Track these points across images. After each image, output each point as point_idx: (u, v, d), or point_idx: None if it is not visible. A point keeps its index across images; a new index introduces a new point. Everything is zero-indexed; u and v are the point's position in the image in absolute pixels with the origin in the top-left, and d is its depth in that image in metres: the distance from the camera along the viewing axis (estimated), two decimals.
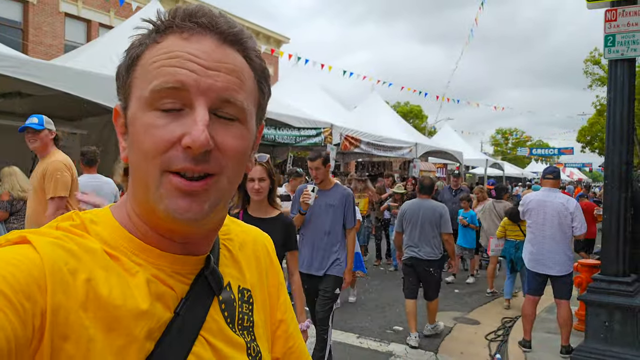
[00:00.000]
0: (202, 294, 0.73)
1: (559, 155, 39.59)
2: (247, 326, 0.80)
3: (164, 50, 0.66)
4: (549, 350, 5.27)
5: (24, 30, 15.62)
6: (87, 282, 0.61)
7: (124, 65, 0.70)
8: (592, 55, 27.39)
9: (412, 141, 14.49)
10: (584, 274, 5.83)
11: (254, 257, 0.90)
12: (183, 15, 0.67)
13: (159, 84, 0.64)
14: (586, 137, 34.25)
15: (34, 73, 5.43)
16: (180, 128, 0.64)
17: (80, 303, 0.59)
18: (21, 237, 0.62)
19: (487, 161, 23.23)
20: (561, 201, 5.20)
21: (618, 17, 4.71)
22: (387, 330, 6.06)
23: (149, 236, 0.70)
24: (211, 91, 0.65)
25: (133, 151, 0.67)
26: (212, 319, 0.74)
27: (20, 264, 0.57)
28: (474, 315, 6.99)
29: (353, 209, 4.42)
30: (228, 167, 0.67)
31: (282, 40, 25.75)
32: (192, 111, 0.64)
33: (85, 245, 0.64)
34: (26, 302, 0.55)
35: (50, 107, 7.52)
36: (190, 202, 0.64)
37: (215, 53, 0.66)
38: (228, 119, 0.67)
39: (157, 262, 0.69)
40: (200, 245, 0.75)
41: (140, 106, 0.66)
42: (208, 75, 0.65)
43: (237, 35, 0.69)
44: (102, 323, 0.61)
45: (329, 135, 10.48)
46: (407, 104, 44.23)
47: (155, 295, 0.67)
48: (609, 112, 4.76)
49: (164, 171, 0.64)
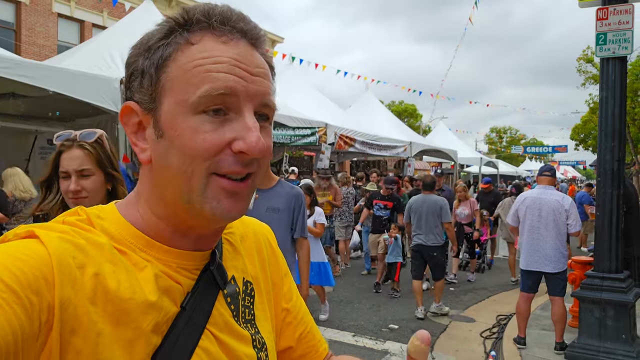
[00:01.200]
0: (208, 288, 0.74)
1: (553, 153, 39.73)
2: (249, 319, 0.81)
3: (205, 53, 0.66)
4: (544, 346, 5.31)
5: (17, 31, 15.55)
6: (95, 277, 0.61)
7: (151, 64, 0.68)
8: (585, 54, 27.46)
9: (406, 140, 14.52)
10: (577, 271, 5.87)
11: (255, 248, 0.91)
12: (221, 18, 0.68)
13: (209, 90, 0.65)
14: (580, 135, 34.39)
15: (27, 74, 5.40)
16: (230, 132, 0.66)
17: (89, 297, 0.60)
18: (29, 231, 0.62)
19: (482, 159, 23.31)
20: (556, 198, 5.23)
21: (609, 15, 4.75)
22: (383, 329, 6.08)
23: (161, 233, 0.71)
24: (257, 96, 0.68)
25: (171, 154, 0.67)
26: (218, 313, 0.75)
27: (28, 258, 0.57)
28: (469, 312, 7.02)
29: (303, 214, 3.50)
30: (263, 165, 0.71)
31: (276, 40, 25.73)
32: (239, 116, 0.67)
33: (93, 240, 0.65)
34: (34, 297, 0.55)
35: (44, 108, 7.50)
36: (235, 201, 0.68)
37: (253, 58, 0.69)
38: (264, 120, 0.71)
39: (163, 257, 0.70)
40: (209, 241, 0.76)
41: (184, 110, 0.66)
42: (253, 82, 0.68)
43: (262, 39, 0.73)
44: (111, 317, 0.61)
45: (323, 135, 10.49)
46: (401, 102, 44.28)
47: (162, 289, 0.67)
48: (601, 110, 4.80)
49: (211, 173, 0.66)
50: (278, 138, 9.86)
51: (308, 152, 17.14)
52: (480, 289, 8.39)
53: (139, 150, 0.71)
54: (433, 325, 6.32)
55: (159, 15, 9.12)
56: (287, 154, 12.58)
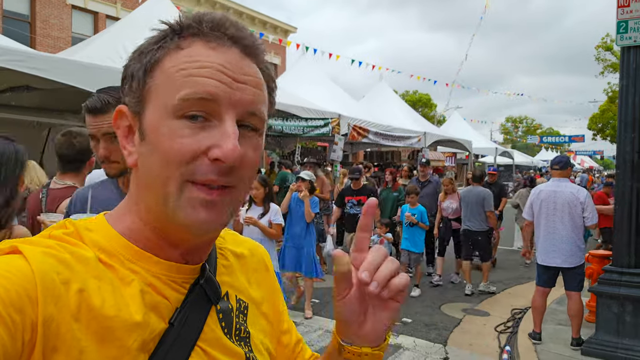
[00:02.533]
0: (198, 303, 0.72)
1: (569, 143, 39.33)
2: (243, 337, 0.79)
3: (191, 58, 0.65)
4: (560, 342, 5.23)
5: (32, 24, 15.68)
6: (79, 293, 0.60)
7: (140, 67, 0.68)
8: (604, 41, 27.00)
9: (420, 130, 14.39)
10: (594, 265, 5.76)
11: (251, 267, 0.89)
12: (211, 24, 0.67)
13: (189, 94, 0.63)
14: (597, 124, 33.89)
15: (41, 66, 5.43)
16: (207, 139, 0.64)
17: (73, 314, 0.58)
18: (12, 247, 0.61)
19: (497, 149, 23.07)
20: (571, 191, 5.12)
21: (631, 2, 4.60)
22: (396, 323, 6.05)
23: (149, 243, 0.69)
24: (240, 104, 0.66)
25: (151, 158, 0.66)
26: (210, 329, 0.73)
27: (10, 275, 0.56)
28: (483, 306, 6.95)
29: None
30: (245, 178, 0.68)
31: (289, 30, 25.65)
32: (220, 123, 0.64)
33: (79, 254, 0.63)
34: (17, 316, 0.54)
35: (58, 101, 7.55)
36: (210, 212, 0.65)
37: (242, 65, 0.67)
38: (250, 130, 0.68)
39: (153, 269, 0.68)
40: (199, 254, 0.74)
41: (164, 114, 0.65)
42: (237, 88, 0.66)
43: (257, 49, 0.70)
44: (95, 334, 0.60)
45: (336, 126, 10.42)
46: (415, 92, 43.95)
47: (149, 305, 0.66)
48: (621, 100, 4.68)
49: (186, 181, 0.64)
50: (290, 129, 9.83)
51: (322, 143, 17.11)
52: (495, 281, 8.30)
53: (126, 153, 0.71)
54: (447, 319, 6.27)
55: (172, 7, 9.12)
56: (299, 145, 12.56)
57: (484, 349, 5.33)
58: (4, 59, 5.08)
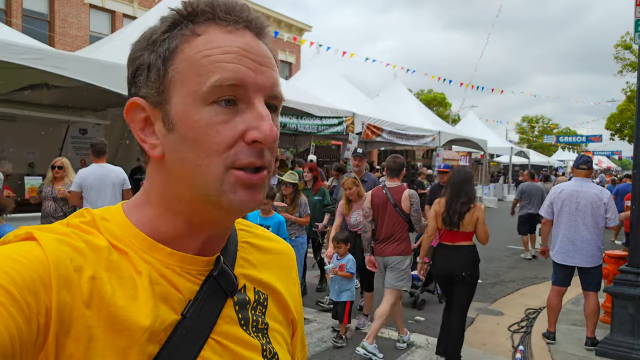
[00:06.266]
0: (213, 295, 0.72)
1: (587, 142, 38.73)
2: (261, 328, 0.79)
3: (212, 44, 0.65)
4: (574, 342, 5.18)
5: (50, 22, 15.91)
6: (92, 280, 0.61)
7: (157, 57, 0.67)
8: (623, 40, 26.60)
9: (435, 129, 14.34)
10: (610, 266, 5.69)
11: (277, 264, 0.88)
12: (225, 8, 0.67)
13: (220, 80, 0.64)
14: (615, 124, 33.39)
15: (59, 64, 5.52)
16: (242, 123, 0.65)
17: (84, 300, 0.59)
18: (28, 233, 0.62)
19: (512, 149, 22.87)
20: (595, 192, 5.06)
21: None
22: (409, 320, 6.04)
23: (166, 234, 0.70)
24: (266, 87, 0.67)
25: (184, 148, 0.65)
26: (224, 321, 0.73)
27: (25, 261, 0.57)
28: (497, 305, 6.91)
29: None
30: (272, 158, 0.70)
31: (304, 28, 25.66)
32: (249, 106, 0.66)
33: (92, 243, 0.64)
34: (31, 300, 0.55)
35: (76, 99, 7.66)
36: (252, 193, 0.67)
37: (259, 48, 0.69)
38: (273, 111, 0.70)
39: (166, 260, 0.69)
40: (217, 243, 0.75)
41: (194, 101, 0.65)
42: (262, 72, 0.67)
43: (267, 31, 0.72)
44: (105, 322, 0.60)
45: (350, 124, 10.43)
46: (430, 91, 43.71)
47: (159, 296, 0.66)
48: (639, 99, 4.62)
49: (228, 167, 0.65)
50: (305, 128, 9.82)
51: (335, 142, 17.11)
52: (509, 281, 8.25)
53: (148, 146, 0.69)
54: None
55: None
56: (313, 143, 12.58)
57: (497, 349, 5.30)
58: (24, 57, 5.18)
